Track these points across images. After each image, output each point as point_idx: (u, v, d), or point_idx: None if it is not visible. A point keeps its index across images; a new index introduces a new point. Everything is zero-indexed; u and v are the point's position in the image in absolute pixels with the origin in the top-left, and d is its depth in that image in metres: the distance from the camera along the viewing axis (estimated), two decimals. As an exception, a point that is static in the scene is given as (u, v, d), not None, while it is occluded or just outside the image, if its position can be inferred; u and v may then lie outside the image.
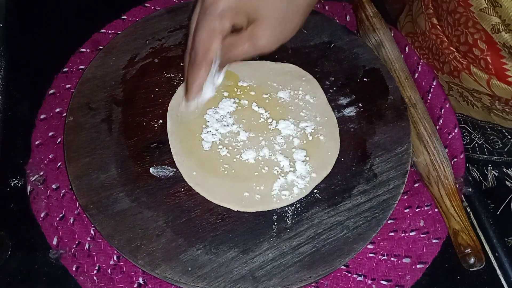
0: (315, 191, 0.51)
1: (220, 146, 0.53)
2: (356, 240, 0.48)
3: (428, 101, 0.61)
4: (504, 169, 0.58)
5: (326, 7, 0.70)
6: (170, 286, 0.48)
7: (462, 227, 0.49)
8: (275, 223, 0.49)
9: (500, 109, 0.54)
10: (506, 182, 0.57)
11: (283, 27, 0.45)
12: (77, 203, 0.51)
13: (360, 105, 0.58)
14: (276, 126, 0.55)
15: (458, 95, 0.60)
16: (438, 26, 0.57)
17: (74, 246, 0.50)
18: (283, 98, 0.57)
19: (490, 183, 0.54)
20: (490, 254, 0.52)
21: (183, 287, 0.47)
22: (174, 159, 0.52)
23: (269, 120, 0.55)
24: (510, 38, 0.48)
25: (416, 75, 0.63)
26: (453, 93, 0.60)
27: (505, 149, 0.58)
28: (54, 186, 0.53)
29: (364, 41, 0.64)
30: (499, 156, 0.58)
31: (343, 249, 0.48)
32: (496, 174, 0.56)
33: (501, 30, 0.49)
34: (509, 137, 0.56)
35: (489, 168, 0.55)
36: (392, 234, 0.52)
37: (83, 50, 0.63)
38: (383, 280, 0.49)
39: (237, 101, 0.57)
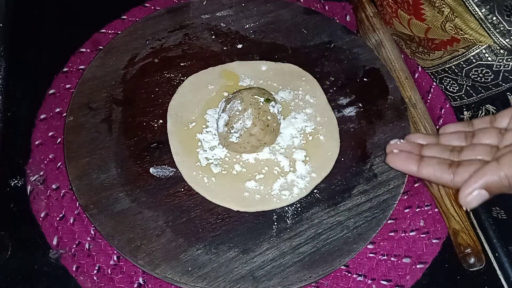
0: (315, 191, 0.51)
1: (220, 146, 0.53)
2: (356, 240, 0.48)
3: (428, 101, 0.62)
4: None
5: (326, 7, 0.70)
6: (170, 286, 0.48)
7: (462, 227, 0.49)
8: (275, 223, 0.49)
9: (421, 51, 0.62)
10: None
11: None
12: (77, 203, 0.51)
13: (360, 105, 0.58)
14: (276, 126, 0.55)
15: (399, 45, 0.66)
16: None
17: (74, 246, 0.50)
18: (283, 98, 0.57)
19: None
20: (490, 254, 0.52)
21: (183, 287, 0.47)
22: (174, 159, 0.52)
23: (269, 120, 0.55)
24: None
25: (416, 75, 0.63)
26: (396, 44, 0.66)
27: None
28: (54, 186, 0.53)
29: (364, 41, 0.64)
30: None
31: (343, 249, 0.48)
32: None
33: None
34: (436, 81, 0.62)
35: None
36: (392, 234, 0.52)
37: (83, 50, 0.63)
38: (383, 280, 0.49)
39: (237, 101, 0.57)
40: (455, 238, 0.49)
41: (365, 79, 0.60)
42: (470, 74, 0.56)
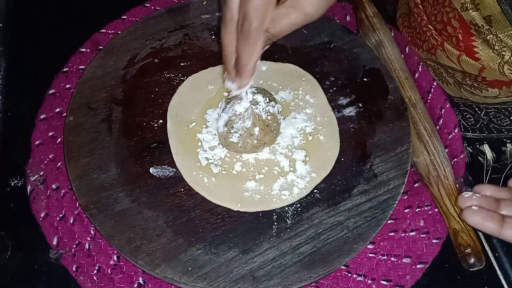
0: (315, 191, 0.51)
1: (220, 146, 0.53)
2: (356, 240, 0.48)
3: (428, 101, 0.61)
4: (477, 145, 0.60)
5: (326, 7, 0.70)
6: (170, 286, 0.48)
7: (462, 227, 0.49)
8: (275, 223, 0.49)
9: (470, 84, 0.58)
10: (479, 157, 0.60)
11: None
12: (77, 203, 0.51)
13: (360, 105, 0.58)
14: (276, 126, 0.55)
15: (434, 72, 0.63)
16: (420, 6, 0.61)
17: (74, 246, 0.50)
18: (283, 98, 0.57)
19: (466, 160, 0.58)
20: (490, 254, 0.52)
21: (183, 287, 0.47)
22: (174, 159, 0.52)
23: (269, 120, 0.55)
24: (477, 16, 0.51)
25: (416, 75, 0.63)
26: (430, 70, 0.63)
27: (477, 126, 0.60)
28: (54, 186, 0.53)
29: (364, 41, 0.64)
30: (472, 132, 0.61)
31: (343, 249, 0.48)
32: (471, 151, 0.59)
33: (469, 8, 0.52)
34: (479, 112, 0.59)
35: (464, 144, 0.59)
36: (392, 234, 0.52)
37: (83, 50, 0.63)
38: (383, 280, 0.49)
39: (237, 101, 0.57)
40: (455, 238, 0.49)
41: (365, 79, 0.60)
42: None
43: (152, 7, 0.68)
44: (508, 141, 0.59)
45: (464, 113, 0.61)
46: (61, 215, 0.52)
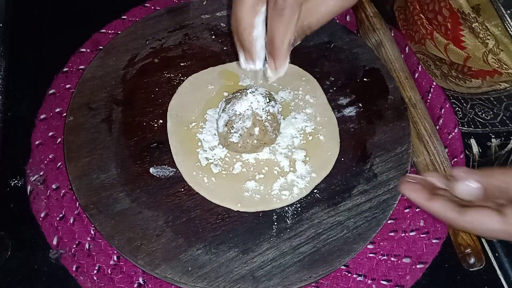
0: (315, 191, 0.51)
1: (220, 146, 0.53)
2: (356, 240, 0.48)
3: (428, 101, 0.61)
4: (465, 139, 0.60)
5: (326, 7, 0.70)
6: (170, 286, 0.48)
7: (462, 227, 0.49)
8: (275, 223, 0.49)
9: (455, 76, 0.59)
10: (466, 152, 0.60)
11: None
12: (77, 203, 0.51)
13: (360, 105, 0.58)
14: (276, 126, 0.55)
15: (423, 65, 0.64)
16: None
17: (74, 246, 0.50)
18: (283, 98, 0.57)
19: None
20: (490, 254, 0.52)
21: (183, 287, 0.47)
22: (174, 159, 0.52)
23: (269, 120, 0.55)
24: (464, 4, 0.51)
25: (416, 75, 0.63)
26: (420, 63, 0.64)
27: (465, 119, 0.61)
28: (54, 186, 0.53)
29: (364, 41, 0.64)
30: (461, 126, 0.61)
31: (343, 249, 0.48)
32: None
33: None
34: (465, 105, 0.59)
35: None
36: (392, 234, 0.52)
37: (83, 50, 0.63)
38: (383, 280, 0.49)
39: (237, 101, 0.57)
40: (455, 238, 0.49)
41: (365, 79, 0.60)
42: (511, 108, 0.54)
43: (152, 7, 0.68)
44: (493, 136, 0.59)
45: (453, 105, 0.61)
46: (61, 215, 0.52)
